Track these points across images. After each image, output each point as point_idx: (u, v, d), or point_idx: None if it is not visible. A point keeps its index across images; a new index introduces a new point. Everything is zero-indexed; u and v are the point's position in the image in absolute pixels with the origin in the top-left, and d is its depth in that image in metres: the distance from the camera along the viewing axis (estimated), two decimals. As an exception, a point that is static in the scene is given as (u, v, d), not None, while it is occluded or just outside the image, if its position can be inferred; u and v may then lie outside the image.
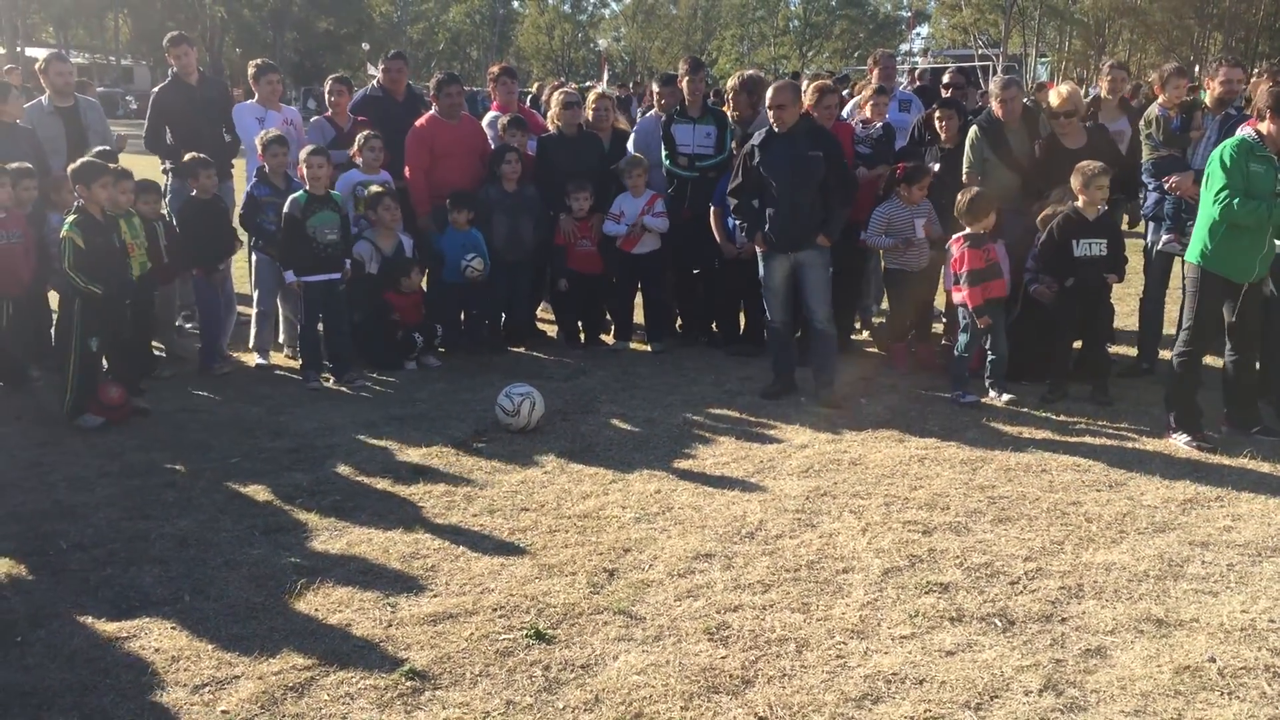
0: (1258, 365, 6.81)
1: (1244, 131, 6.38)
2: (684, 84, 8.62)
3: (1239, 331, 6.56)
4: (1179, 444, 6.49)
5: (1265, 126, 6.27)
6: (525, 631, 4.31)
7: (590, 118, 9.07)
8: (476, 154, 8.87)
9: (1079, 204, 7.23)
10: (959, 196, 7.42)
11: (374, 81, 9.80)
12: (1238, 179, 6.17)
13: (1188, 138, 7.62)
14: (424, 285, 8.69)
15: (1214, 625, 4.36)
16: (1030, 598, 4.60)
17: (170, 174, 9.32)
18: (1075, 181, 7.25)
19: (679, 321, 9.35)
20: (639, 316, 9.23)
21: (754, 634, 4.31)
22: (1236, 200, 6.14)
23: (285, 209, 7.70)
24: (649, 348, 8.89)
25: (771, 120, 7.30)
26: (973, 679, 3.97)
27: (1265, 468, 6.12)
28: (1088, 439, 6.66)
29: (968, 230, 7.33)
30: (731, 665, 4.07)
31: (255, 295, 8.46)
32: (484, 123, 9.44)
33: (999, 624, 4.38)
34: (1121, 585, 4.71)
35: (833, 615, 4.47)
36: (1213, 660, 4.09)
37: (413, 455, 6.40)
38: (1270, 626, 4.33)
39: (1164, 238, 7.74)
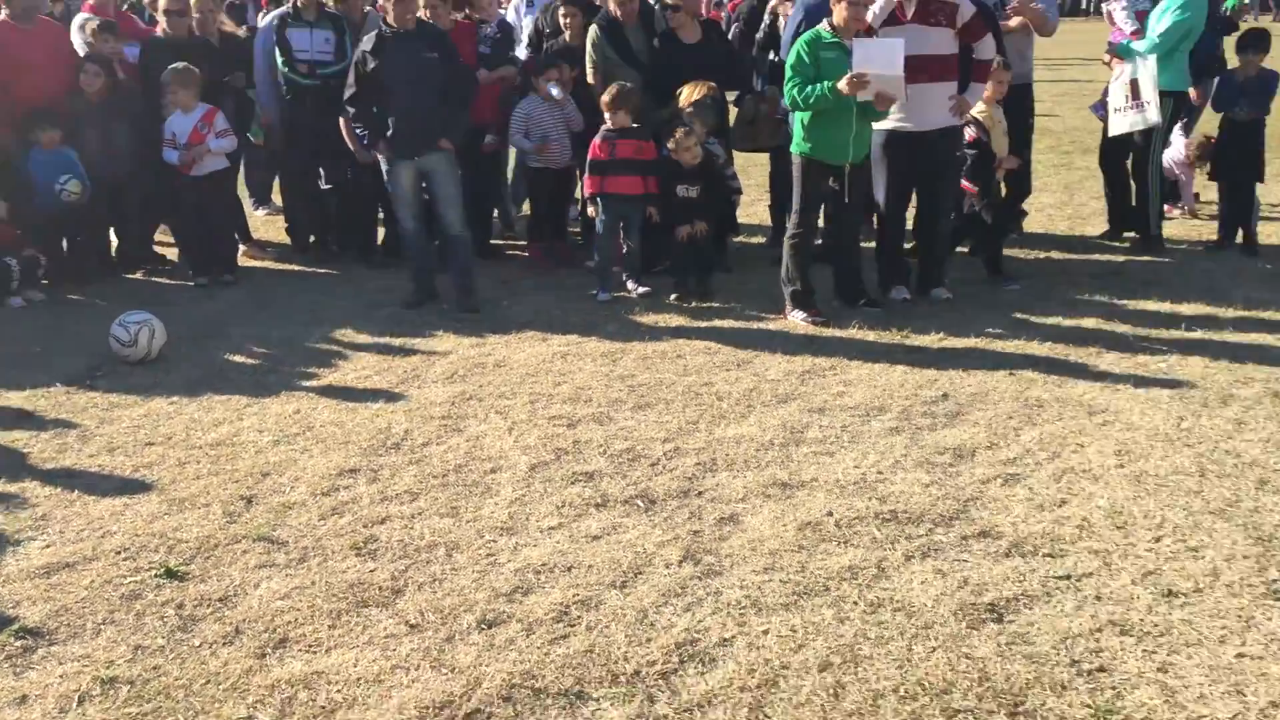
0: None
1: (821, 25, 6.75)
2: None
3: (844, 210, 7.05)
4: (796, 321, 6.93)
5: (837, 14, 6.64)
6: (154, 571, 4.03)
7: (194, 25, 8.38)
8: (63, 62, 7.97)
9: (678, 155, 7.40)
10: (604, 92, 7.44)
11: None
12: (804, 69, 6.63)
13: None
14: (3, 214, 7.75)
15: (830, 483, 4.72)
16: (669, 476, 4.81)
17: None
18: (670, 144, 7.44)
19: (312, 237, 8.93)
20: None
21: (403, 544, 4.25)
22: (797, 88, 6.61)
23: None
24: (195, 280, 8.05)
25: (391, 20, 7.06)
26: (618, 559, 4.10)
27: (871, 336, 6.65)
28: (717, 323, 6.99)
29: (607, 125, 7.41)
30: (380, 577, 4.00)
31: None
32: (73, 26, 8.54)
33: (641, 504, 4.55)
34: (750, 455, 5.01)
35: (482, 516, 4.47)
36: (830, 514, 4.43)
37: (15, 399, 5.79)
38: (879, 478, 4.74)
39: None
